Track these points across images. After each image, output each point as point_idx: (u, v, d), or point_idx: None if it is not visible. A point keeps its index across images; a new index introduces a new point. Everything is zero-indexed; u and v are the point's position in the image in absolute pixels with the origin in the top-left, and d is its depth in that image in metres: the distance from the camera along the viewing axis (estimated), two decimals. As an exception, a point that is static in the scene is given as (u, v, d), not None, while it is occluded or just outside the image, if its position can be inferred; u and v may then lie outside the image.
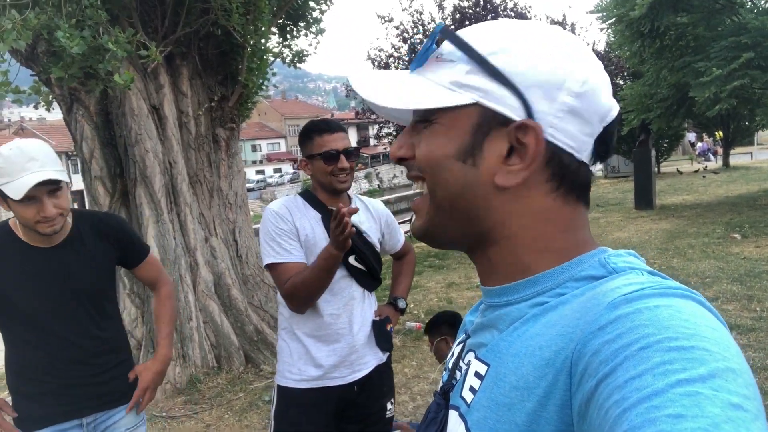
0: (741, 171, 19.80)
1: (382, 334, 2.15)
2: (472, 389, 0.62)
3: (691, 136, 30.94)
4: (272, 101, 66.88)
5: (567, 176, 0.59)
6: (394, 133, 11.76)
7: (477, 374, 0.62)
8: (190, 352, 4.97)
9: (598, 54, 16.35)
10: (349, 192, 2.21)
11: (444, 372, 0.77)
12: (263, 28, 5.02)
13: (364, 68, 0.66)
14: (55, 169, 1.69)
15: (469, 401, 0.61)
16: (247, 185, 6.46)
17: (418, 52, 0.63)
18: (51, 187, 1.70)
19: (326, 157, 2.02)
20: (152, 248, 4.81)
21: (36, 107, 4.29)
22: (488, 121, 0.58)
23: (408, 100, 0.60)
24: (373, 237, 2.16)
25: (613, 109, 0.59)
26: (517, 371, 0.55)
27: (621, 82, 16.35)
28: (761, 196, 12.74)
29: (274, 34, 5.61)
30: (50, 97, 4.35)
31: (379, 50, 14.39)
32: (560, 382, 0.50)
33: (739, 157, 25.67)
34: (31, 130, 38.99)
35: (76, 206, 2.16)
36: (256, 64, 5.34)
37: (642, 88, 12.36)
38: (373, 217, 2.21)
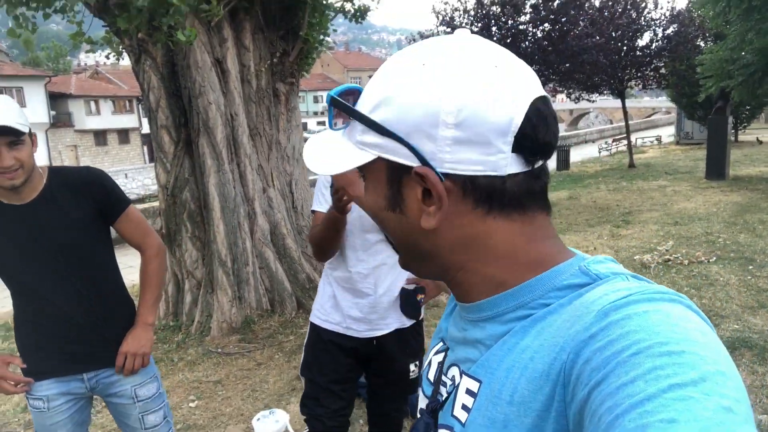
0: (829, 143, 18.38)
1: (409, 303, 2.20)
2: (465, 407, 0.61)
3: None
4: (335, 53, 66.51)
5: (494, 196, 0.58)
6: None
7: (469, 391, 0.61)
8: (246, 295, 5.26)
9: (677, 14, 15.27)
10: None
11: (423, 381, 0.76)
12: (326, -17, 5.03)
13: (313, 139, 0.70)
14: (17, 121, 1.65)
15: (463, 420, 0.60)
16: (309, 135, 6.61)
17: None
18: (10, 138, 1.66)
19: None
20: (213, 197, 5.10)
21: (108, 57, 4.50)
22: (395, 171, 0.60)
23: (328, 166, 0.65)
24: None
25: (516, 115, 0.55)
26: (511, 386, 0.55)
27: (702, 44, 15.34)
28: None
29: (337, -12, 5.61)
30: (120, 47, 4.56)
31: (445, 2, 14.02)
32: (557, 393, 0.50)
33: (829, 127, 23.75)
34: (105, 74, 40.56)
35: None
36: (317, 19, 5.37)
37: (724, 52, 11.55)
38: None
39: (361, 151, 0.62)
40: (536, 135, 0.56)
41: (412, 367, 2.29)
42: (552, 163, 21.72)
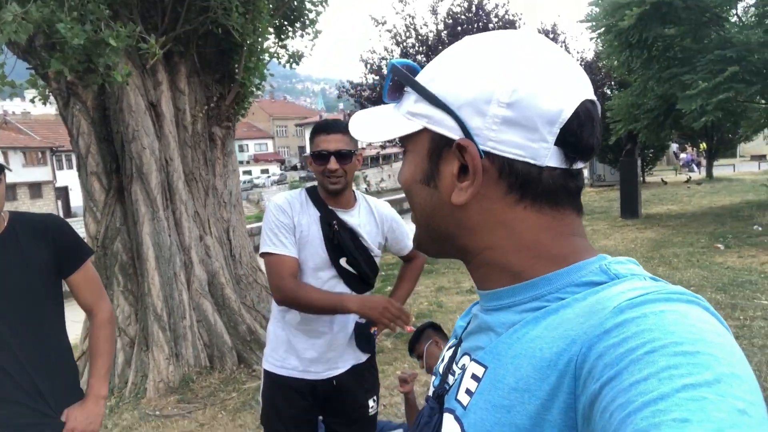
0: (724, 182, 20.14)
1: (363, 337, 2.18)
2: (468, 391, 0.62)
3: (674, 147, 31.42)
4: (260, 101, 66.58)
5: (528, 185, 0.59)
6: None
7: (474, 376, 0.62)
8: (183, 351, 4.96)
9: (586, 64, 16.53)
10: (358, 191, 2.23)
11: (434, 377, 0.77)
12: (261, 28, 5.03)
13: (360, 112, 0.72)
14: None
15: (465, 404, 0.61)
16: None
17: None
18: None
19: (316, 157, 2.04)
20: (147, 246, 4.83)
21: (33, 102, 4.25)
22: (437, 144, 0.61)
23: (376, 133, 0.67)
24: (371, 241, 2.15)
25: (566, 108, 0.56)
26: (516, 373, 0.55)
27: (609, 92, 16.57)
28: (744, 207, 12.98)
29: (271, 34, 5.62)
30: (47, 91, 4.32)
31: (372, 52, 14.44)
32: (564, 384, 0.50)
33: (722, 168, 26.10)
34: (15, 124, 38.42)
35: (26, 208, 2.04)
36: (253, 64, 5.35)
37: (629, 98, 12.54)
38: (375, 220, 2.20)
39: (409, 121, 0.63)
40: (581, 133, 0.58)
41: (371, 402, 2.27)
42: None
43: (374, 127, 0.68)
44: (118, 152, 4.88)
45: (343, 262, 2.09)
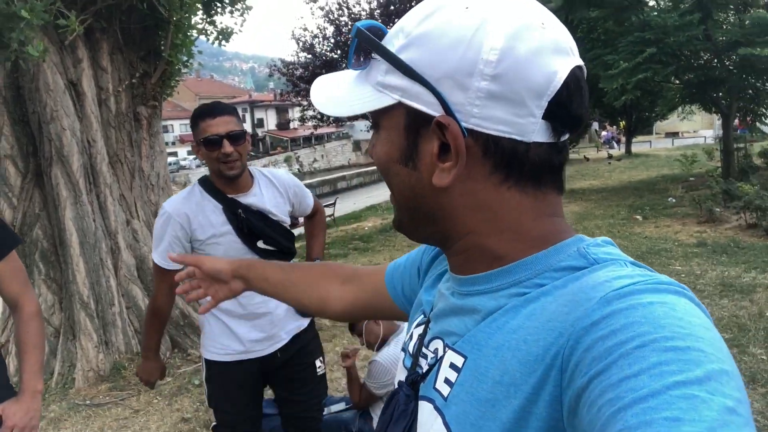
0: (642, 158, 21.34)
1: None
2: (447, 381, 0.59)
3: (595, 125, 32.88)
4: (186, 80, 64.06)
5: (514, 163, 0.55)
6: (319, 116, 11.66)
7: (453, 366, 0.59)
8: (113, 339, 4.80)
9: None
10: (252, 168, 2.17)
11: (402, 354, 0.74)
12: (189, 3, 4.85)
13: (321, 79, 0.68)
14: None
15: (445, 394, 0.59)
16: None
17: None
18: None
19: (207, 143, 1.95)
20: (70, 232, 4.62)
21: (-65, 78, 3.94)
22: (415, 120, 0.56)
23: (342, 107, 0.61)
24: (280, 213, 2.15)
25: (556, 76, 0.52)
26: (500, 366, 0.53)
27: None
28: (659, 181, 13.83)
29: (199, 9, 5.42)
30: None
31: (304, 29, 14.19)
32: (551, 377, 0.49)
33: (639, 145, 27.60)
34: None
35: None
36: (180, 41, 5.15)
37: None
38: (279, 191, 2.18)
39: (380, 93, 0.57)
40: (570, 104, 0.53)
41: (318, 363, 2.31)
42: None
43: (340, 100, 0.61)
44: (35, 134, 4.59)
45: (260, 244, 2.09)
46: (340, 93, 0.62)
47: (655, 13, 10.95)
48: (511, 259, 0.57)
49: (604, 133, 34.16)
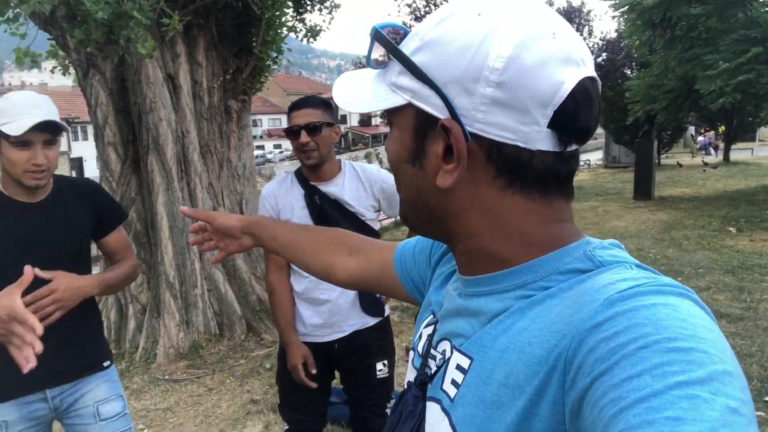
0: (741, 166, 19.87)
1: (367, 301, 2.25)
2: (454, 383, 0.60)
3: (691, 130, 30.94)
4: (275, 76, 66.21)
5: (518, 170, 0.55)
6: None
7: (459, 367, 0.60)
8: (194, 319, 5.09)
9: (608, 43, 16.14)
10: (344, 161, 2.27)
11: (412, 353, 0.74)
12: (280, 1, 5.04)
13: (344, 76, 0.71)
14: (56, 119, 1.69)
15: (452, 395, 0.59)
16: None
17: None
18: (48, 136, 1.69)
19: (288, 133, 2.12)
20: (161, 216, 4.94)
21: (52, 71, 4.33)
22: (423, 121, 0.57)
23: (360, 104, 0.63)
24: (359, 205, 2.19)
25: (563, 86, 0.52)
26: (505, 368, 0.53)
27: (629, 72, 16.33)
28: (759, 191, 12.84)
29: (289, 7, 5.63)
30: (66, 61, 4.39)
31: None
32: (554, 379, 0.49)
33: (739, 152, 25.70)
34: (32, 93, 38.61)
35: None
36: (271, 37, 5.37)
37: (649, 78, 12.36)
38: (363, 185, 2.22)
39: (393, 93, 0.59)
40: (577, 115, 0.53)
41: (379, 366, 2.31)
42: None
43: (358, 97, 0.64)
44: (135, 123, 4.95)
45: None
46: (358, 91, 0.64)
47: (765, 9, 10.16)
48: (516, 262, 0.58)
49: (700, 138, 32.14)
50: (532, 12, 0.54)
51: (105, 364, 1.91)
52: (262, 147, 52.57)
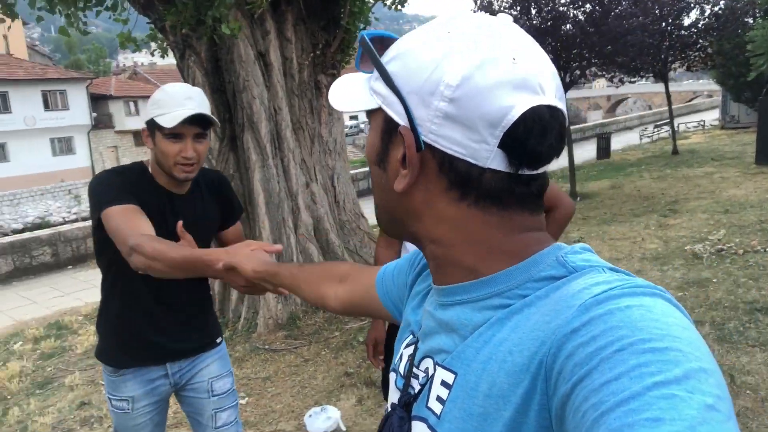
0: None
1: None
2: (439, 399, 0.60)
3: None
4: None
5: (469, 184, 0.57)
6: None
7: (444, 383, 0.60)
8: (291, 291, 5.23)
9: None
10: None
11: (393, 375, 0.74)
12: (366, -29, 4.93)
13: (343, 78, 0.72)
14: (208, 112, 1.73)
15: (438, 412, 0.60)
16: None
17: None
18: (198, 129, 1.72)
19: None
20: (258, 192, 5.08)
21: (152, 54, 4.50)
22: (389, 126, 0.60)
23: (343, 103, 0.66)
24: None
25: (513, 110, 0.53)
26: (488, 379, 0.54)
27: (751, 21, 14.67)
28: None
29: (376, -24, 5.50)
30: (164, 44, 4.56)
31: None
32: (537, 387, 0.49)
33: None
34: (143, 75, 41.38)
35: None
36: (358, 8, 5.29)
37: (776, 28, 11.03)
38: None
39: (370, 97, 0.63)
40: (526, 141, 0.54)
41: None
42: (592, 152, 20.95)
43: (344, 96, 0.67)
44: (231, 102, 5.09)
45: None
46: (347, 90, 0.67)
47: None
48: (485, 271, 0.59)
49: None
50: (500, 35, 0.56)
51: (218, 340, 2.03)
52: (355, 117, 53.30)
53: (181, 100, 1.69)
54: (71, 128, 29.65)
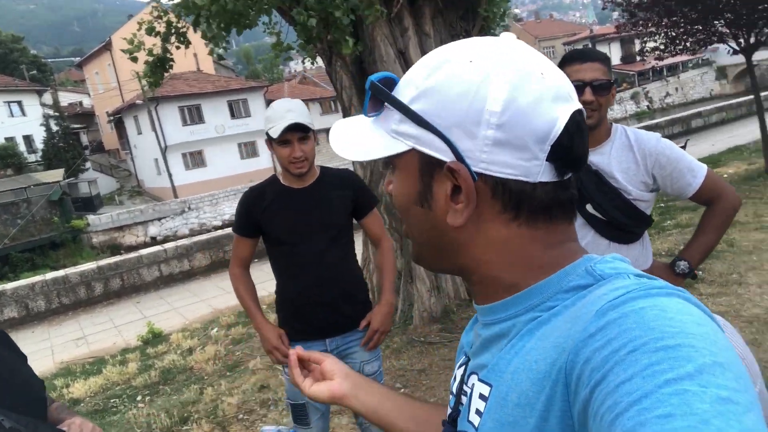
0: None
1: None
2: (478, 412, 0.62)
3: None
4: (525, 23, 63.95)
5: (523, 202, 0.58)
6: (662, 46, 10.15)
7: (481, 396, 0.62)
8: (443, 284, 5.26)
9: None
10: (617, 125, 1.96)
11: (450, 396, 0.75)
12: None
13: (339, 124, 0.70)
14: (304, 120, 2.11)
15: (476, 424, 0.62)
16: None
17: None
18: (300, 134, 2.12)
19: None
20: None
21: (303, 62, 4.77)
22: (428, 164, 0.60)
23: (360, 152, 0.65)
24: (627, 182, 1.86)
25: (557, 122, 0.55)
26: (516, 388, 0.55)
27: None
28: None
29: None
30: (313, 51, 4.81)
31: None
32: (558, 393, 0.50)
33: None
34: (312, 79, 44.39)
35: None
36: (496, -7, 5.09)
37: None
38: (635, 156, 1.88)
39: (394, 140, 0.62)
40: (572, 146, 0.57)
41: None
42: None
43: (360, 144, 0.66)
44: (376, 102, 5.21)
45: (589, 207, 1.89)
46: (360, 139, 0.66)
47: None
48: (523, 286, 0.60)
49: None
50: (520, 55, 0.58)
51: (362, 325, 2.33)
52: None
53: (282, 113, 2.10)
54: (254, 133, 32.79)
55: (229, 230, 13.17)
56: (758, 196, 7.75)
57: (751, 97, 12.89)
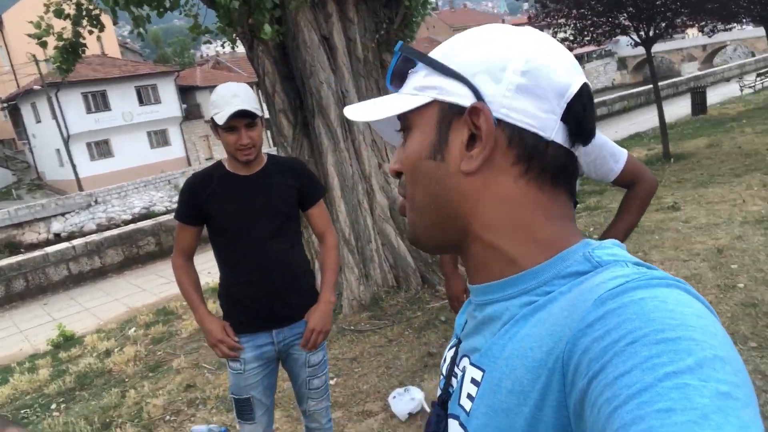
0: None
1: None
2: (469, 396, 0.62)
3: None
4: (440, 13, 64.90)
5: (534, 157, 0.59)
6: (571, 37, 10.70)
7: (473, 381, 0.62)
8: (372, 272, 5.28)
9: None
10: None
11: (441, 378, 0.76)
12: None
13: (356, 103, 0.75)
14: (251, 106, 2.03)
15: (468, 409, 0.62)
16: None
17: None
18: (247, 120, 2.05)
19: None
20: (332, 176, 5.12)
21: (222, 46, 4.60)
22: (447, 114, 0.61)
23: (378, 112, 0.66)
24: None
25: (573, 84, 0.58)
26: (511, 375, 0.55)
27: None
28: None
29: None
30: (233, 35, 4.64)
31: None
32: (554, 382, 0.50)
33: None
34: (225, 63, 42.84)
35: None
36: (418, -19, 5.13)
37: None
38: None
39: (414, 96, 0.64)
40: (584, 113, 0.59)
41: None
42: (686, 109, 19.51)
43: (375, 107, 0.67)
44: (300, 88, 5.12)
45: None
46: (377, 102, 0.68)
47: None
48: (522, 264, 0.60)
49: None
50: (529, 35, 0.62)
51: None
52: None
53: (228, 99, 2.01)
54: (165, 121, 31.38)
55: (142, 224, 12.56)
56: (658, 179, 8.37)
57: (650, 86, 13.81)
